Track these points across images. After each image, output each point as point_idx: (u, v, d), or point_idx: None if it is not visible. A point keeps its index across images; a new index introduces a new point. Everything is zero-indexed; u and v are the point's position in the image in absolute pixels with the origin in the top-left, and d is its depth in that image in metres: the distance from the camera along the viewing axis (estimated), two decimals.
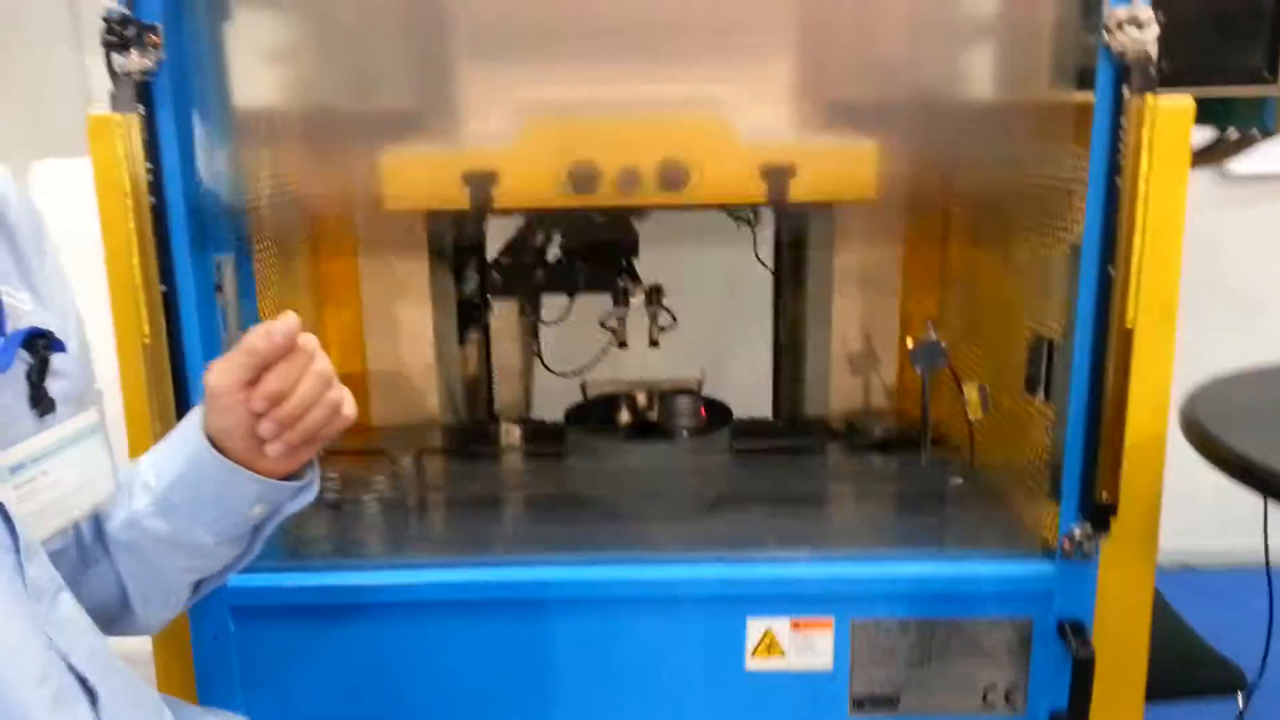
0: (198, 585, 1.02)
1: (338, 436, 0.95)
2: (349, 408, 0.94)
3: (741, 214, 2.21)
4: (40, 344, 0.87)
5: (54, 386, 0.88)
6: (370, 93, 1.34)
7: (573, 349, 1.99)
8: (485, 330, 2.12)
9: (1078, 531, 1.24)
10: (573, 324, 1.89)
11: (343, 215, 1.68)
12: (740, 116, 1.34)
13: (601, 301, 1.81)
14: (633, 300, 1.85)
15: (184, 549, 0.96)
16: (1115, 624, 1.30)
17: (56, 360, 0.88)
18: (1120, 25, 1.10)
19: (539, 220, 1.91)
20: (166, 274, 1.13)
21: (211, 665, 1.25)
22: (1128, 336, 1.16)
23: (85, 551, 0.97)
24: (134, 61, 1.07)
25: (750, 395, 2.86)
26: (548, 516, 1.52)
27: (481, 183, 1.30)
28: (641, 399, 1.68)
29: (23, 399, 0.85)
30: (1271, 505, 1.40)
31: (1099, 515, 1.22)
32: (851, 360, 1.97)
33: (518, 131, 1.29)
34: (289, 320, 0.88)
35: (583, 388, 1.95)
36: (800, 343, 2.11)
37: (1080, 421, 1.22)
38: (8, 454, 0.82)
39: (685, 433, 1.58)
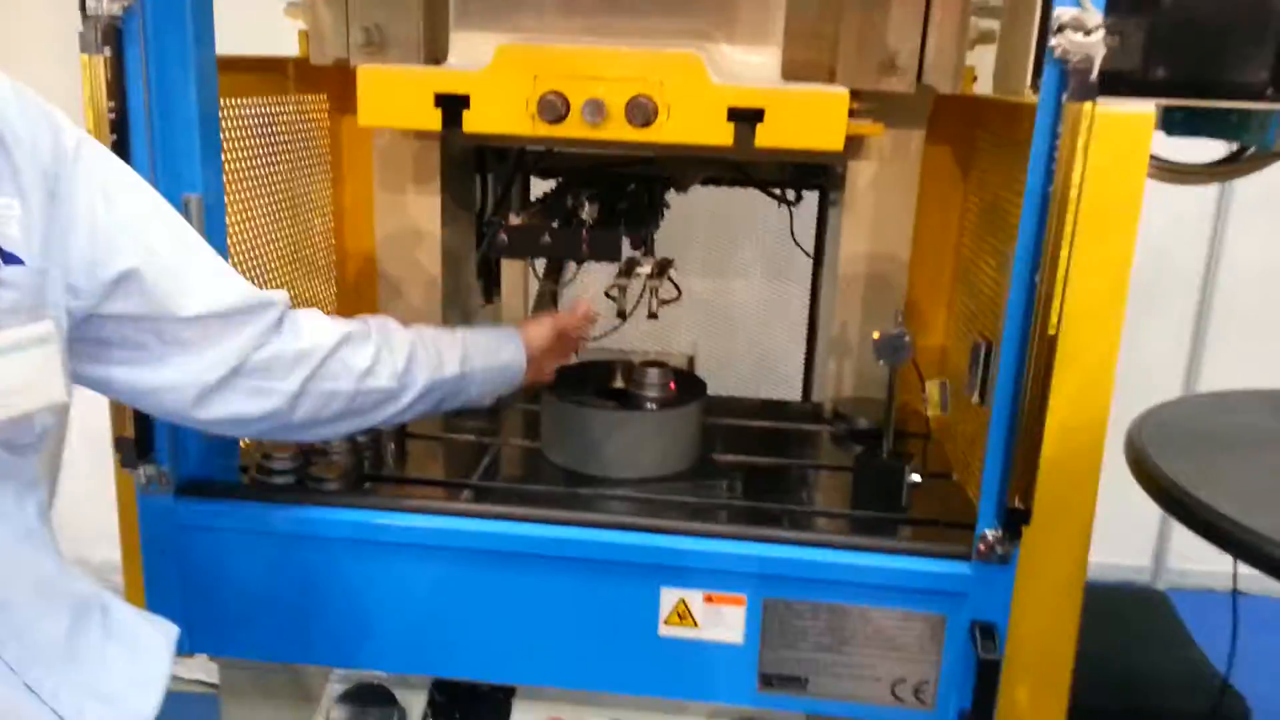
0: None
1: None
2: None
3: (782, 195, 2.22)
4: None
5: (1, 297, 0.93)
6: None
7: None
8: (496, 286, 2.19)
9: (990, 535, 1.24)
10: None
11: None
12: (712, 58, 1.35)
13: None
14: (639, 271, 1.86)
15: (456, 399, 1.35)
16: (1036, 631, 1.30)
17: (8, 273, 0.93)
18: (1063, 28, 1.08)
19: (569, 184, 1.95)
20: None
21: (157, 576, 1.35)
22: (1050, 344, 1.15)
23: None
24: (105, 5, 1.14)
25: (787, 377, 2.88)
26: (489, 473, 1.58)
27: (453, 104, 1.34)
28: (621, 368, 1.71)
29: None
30: None
31: (1011, 520, 1.22)
32: (856, 348, 1.96)
33: (491, 57, 1.33)
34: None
35: (576, 353, 2.00)
36: (814, 328, 2.12)
37: (1002, 427, 1.21)
38: None
39: (652, 404, 1.61)
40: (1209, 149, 1.69)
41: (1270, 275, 3.22)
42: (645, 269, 1.84)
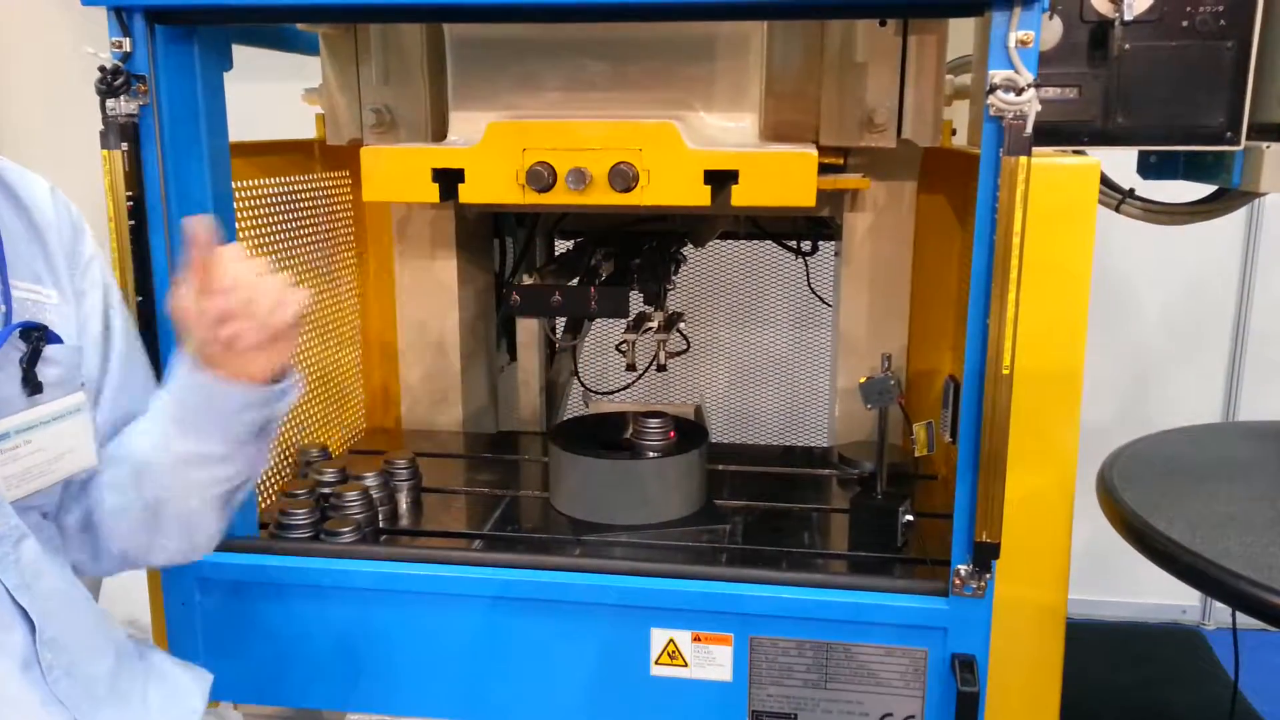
0: (227, 498, 1.17)
1: (296, 330, 1.09)
2: (297, 295, 1.07)
3: (797, 247, 2.30)
4: (35, 335, 1.04)
5: (46, 372, 1.05)
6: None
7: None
8: (511, 344, 2.28)
9: (963, 570, 1.28)
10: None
11: None
12: (691, 125, 1.43)
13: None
14: (648, 326, 1.93)
15: (203, 461, 1.11)
16: (1019, 663, 1.33)
17: (50, 350, 1.05)
18: (995, 89, 1.14)
19: (587, 243, 2.05)
20: (145, 287, 1.31)
21: (179, 628, 1.43)
22: (1006, 383, 1.20)
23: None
24: (123, 106, 1.26)
25: (815, 424, 2.92)
26: (499, 524, 1.64)
27: (449, 178, 1.43)
28: (624, 420, 1.78)
29: (15, 380, 1.02)
30: None
31: (980, 555, 1.26)
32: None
33: (483, 134, 1.41)
34: (204, 221, 1.03)
35: (586, 405, 2.07)
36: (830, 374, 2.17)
37: (967, 464, 1.26)
38: None
39: (651, 453, 1.67)
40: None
41: None
42: (654, 324, 1.92)
